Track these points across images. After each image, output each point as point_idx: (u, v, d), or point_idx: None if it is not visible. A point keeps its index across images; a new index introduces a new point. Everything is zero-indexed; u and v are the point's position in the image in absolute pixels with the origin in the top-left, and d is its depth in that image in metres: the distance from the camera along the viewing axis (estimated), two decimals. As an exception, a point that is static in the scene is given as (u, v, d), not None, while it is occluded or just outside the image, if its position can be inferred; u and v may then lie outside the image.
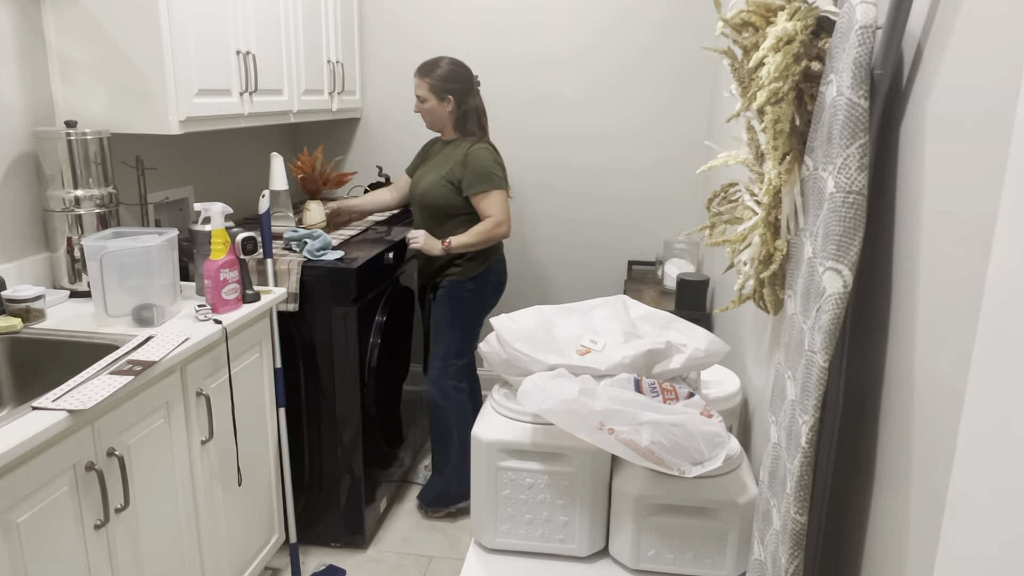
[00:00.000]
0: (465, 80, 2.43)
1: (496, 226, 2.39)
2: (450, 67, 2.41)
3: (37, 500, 1.28)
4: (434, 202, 2.44)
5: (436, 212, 2.45)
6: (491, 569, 1.39)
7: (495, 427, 1.38)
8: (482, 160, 2.38)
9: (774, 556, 1.04)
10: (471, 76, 2.45)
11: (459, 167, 2.39)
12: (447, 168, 2.42)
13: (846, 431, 1.06)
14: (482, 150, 2.41)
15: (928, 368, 0.80)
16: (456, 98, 2.42)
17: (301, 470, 2.39)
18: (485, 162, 2.38)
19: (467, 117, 2.45)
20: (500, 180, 2.42)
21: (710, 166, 1.30)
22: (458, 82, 2.41)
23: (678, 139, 3.22)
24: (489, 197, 2.39)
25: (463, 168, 2.38)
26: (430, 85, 2.41)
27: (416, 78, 2.44)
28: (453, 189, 2.41)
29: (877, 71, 0.90)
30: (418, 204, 2.51)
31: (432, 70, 2.41)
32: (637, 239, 3.35)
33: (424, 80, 2.41)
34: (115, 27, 1.91)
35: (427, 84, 2.41)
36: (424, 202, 2.46)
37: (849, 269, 0.89)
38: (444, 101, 2.42)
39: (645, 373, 1.38)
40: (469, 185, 2.38)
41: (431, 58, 2.45)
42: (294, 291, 2.22)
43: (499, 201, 2.40)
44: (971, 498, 0.68)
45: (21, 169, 1.89)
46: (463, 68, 2.44)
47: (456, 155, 2.42)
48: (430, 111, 2.45)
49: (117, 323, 1.75)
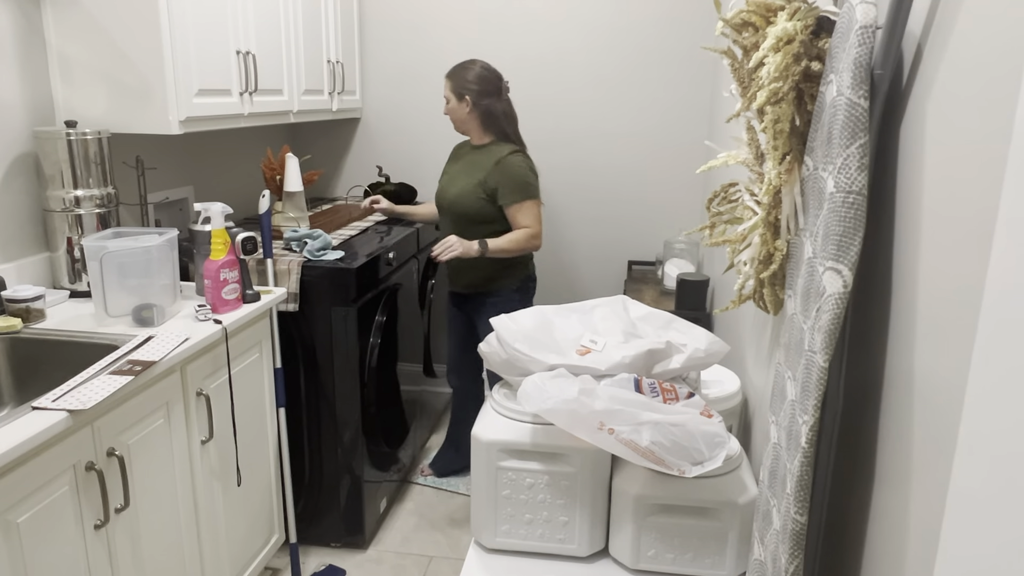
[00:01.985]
0: (485, 82, 2.41)
1: (532, 237, 2.40)
2: (473, 70, 2.42)
3: (37, 500, 1.28)
4: (465, 210, 2.44)
5: (466, 219, 2.45)
6: (491, 569, 1.39)
7: (495, 427, 1.38)
8: (518, 170, 2.38)
9: (774, 556, 1.04)
10: (495, 80, 2.43)
11: (493, 176, 2.38)
12: (480, 176, 2.41)
13: (846, 431, 1.06)
14: (517, 158, 2.40)
15: (928, 368, 0.80)
16: (472, 99, 2.41)
17: (301, 470, 2.39)
18: (521, 172, 2.38)
19: (490, 119, 2.44)
20: (535, 191, 2.42)
21: (710, 166, 1.30)
22: (477, 84, 2.40)
23: (678, 139, 3.22)
24: (524, 208, 2.39)
25: (498, 177, 2.37)
26: (451, 86, 2.43)
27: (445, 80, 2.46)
28: (487, 199, 2.41)
29: (877, 71, 0.90)
30: (448, 210, 2.50)
31: (456, 72, 2.44)
32: (637, 239, 3.35)
33: (447, 81, 2.45)
34: (115, 27, 1.91)
35: (449, 85, 2.44)
36: (454, 209, 2.46)
37: (849, 269, 0.89)
38: (462, 102, 2.43)
39: (645, 373, 1.37)
40: (504, 195, 2.38)
41: (463, 61, 2.46)
42: (294, 291, 2.22)
43: (534, 212, 2.41)
44: (971, 498, 0.68)
45: (21, 169, 1.89)
46: (487, 71, 2.43)
47: (487, 162, 2.41)
48: (452, 111, 2.47)
49: (117, 323, 1.75)
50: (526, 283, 2.56)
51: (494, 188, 2.39)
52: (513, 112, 2.50)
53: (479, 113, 2.44)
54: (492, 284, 2.51)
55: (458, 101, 2.44)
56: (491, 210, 2.42)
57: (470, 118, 2.45)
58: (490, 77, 2.43)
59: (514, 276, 2.52)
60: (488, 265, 2.47)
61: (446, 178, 2.56)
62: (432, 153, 3.41)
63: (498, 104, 2.44)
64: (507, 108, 2.48)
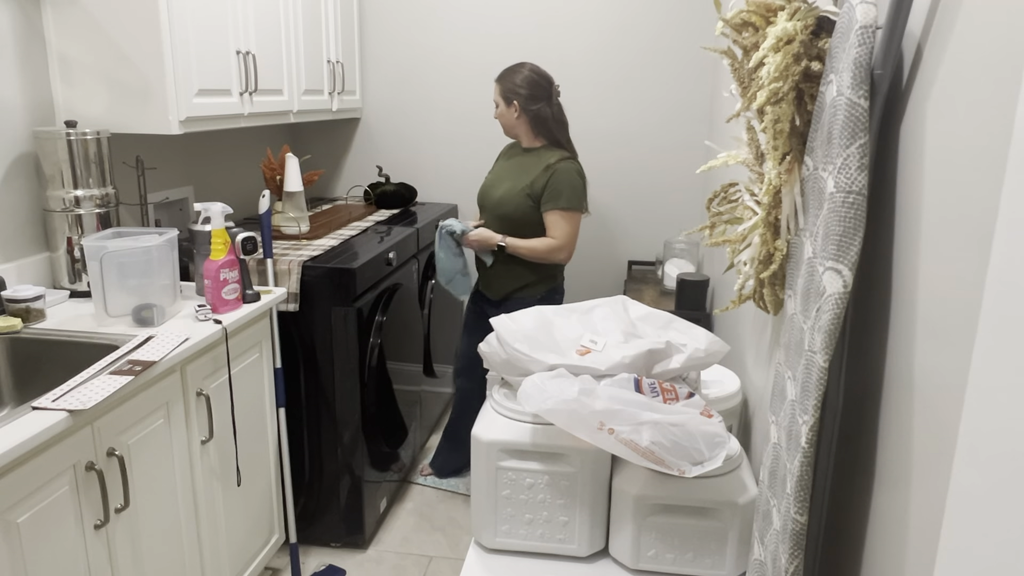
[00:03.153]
0: (534, 86, 2.36)
1: (555, 250, 2.36)
2: (522, 73, 2.37)
3: (37, 500, 1.28)
4: (509, 213, 2.40)
5: (509, 221, 2.41)
6: (491, 569, 1.39)
7: (495, 427, 1.38)
8: (568, 176, 2.33)
9: (774, 556, 1.04)
10: (544, 83, 2.38)
11: (541, 180, 2.34)
12: (527, 180, 2.37)
13: (846, 431, 1.06)
14: (569, 165, 2.35)
15: (928, 368, 0.80)
16: (520, 104, 2.37)
17: (301, 470, 2.39)
18: (569, 180, 2.33)
19: (540, 125, 2.39)
20: (577, 203, 2.36)
21: (710, 166, 1.30)
22: (526, 87, 2.36)
23: (678, 139, 3.22)
24: (559, 218, 2.34)
25: (545, 182, 2.33)
26: (500, 90, 2.40)
27: (494, 84, 2.44)
28: (533, 204, 2.37)
29: (877, 71, 0.90)
30: (491, 210, 2.46)
31: (505, 75, 2.40)
32: (637, 239, 3.35)
33: (497, 85, 2.41)
34: (115, 27, 1.91)
35: (498, 89, 2.41)
36: (498, 211, 2.43)
37: (849, 269, 0.89)
38: (511, 107, 2.39)
39: (645, 373, 1.38)
40: (546, 201, 2.34)
41: (513, 63, 2.43)
42: (294, 291, 2.22)
43: (567, 225, 2.35)
44: (971, 498, 0.68)
45: (21, 169, 1.89)
46: (536, 75, 2.37)
47: (536, 166, 2.38)
48: (500, 115, 2.44)
49: (117, 323, 1.75)
50: (551, 294, 2.51)
51: (540, 192, 2.35)
52: (564, 117, 2.45)
53: (528, 118, 2.39)
54: (518, 292, 2.48)
55: (507, 106, 2.40)
56: (536, 215, 2.38)
57: (519, 123, 2.41)
58: (540, 81, 2.37)
59: (541, 285, 2.48)
60: (521, 274, 2.44)
61: (492, 176, 2.52)
62: (432, 153, 3.41)
63: (548, 108, 2.38)
64: (557, 113, 2.42)
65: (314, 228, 2.65)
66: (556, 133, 2.41)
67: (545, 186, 2.33)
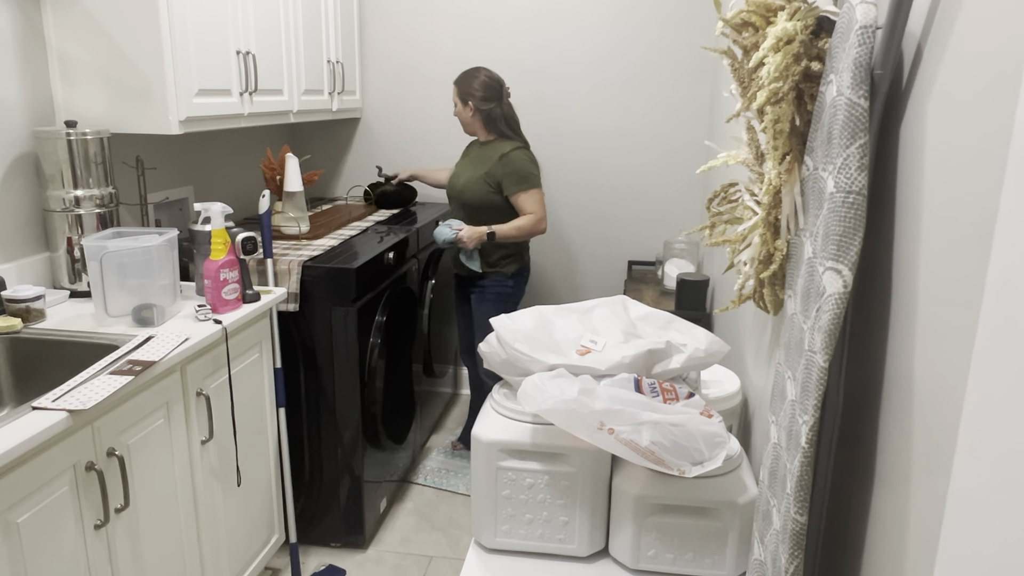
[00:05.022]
0: (487, 88, 2.65)
1: (538, 222, 2.64)
2: (478, 78, 2.66)
3: (37, 500, 1.28)
4: (471, 199, 2.68)
5: (472, 207, 2.69)
6: (491, 569, 1.39)
7: (495, 427, 1.38)
8: (520, 162, 2.63)
9: (774, 556, 1.05)
10: (496, 86, 2.67)
11: (498, 168, 2.62)
12: (484, 169, 2.65)
13: (846, 431, 1.06)
14: (520, 152, 2.65)
15: (928, 368, 0.80)
16: (475, 103, 2.66)
17: (301, 470, 2.39)
18: (523, 164, 2.63)
19: (492, 121, 2.69)
20: (537, 180, 2.66)
21: (710, 166, 1.30)
22: (480, 90, 2.65)
23: (678, 139, 3.22)
24: (528, 196, 2.63)
25: (502, 169, 2.62)
26: (458, 92, 2.69)
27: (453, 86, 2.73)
28: (492, 189, 2.65)
29: (877, 71, 0.90)
30: (456, 200, 2.76)
31: (462, 79, 2.69)
32: (637, 239, 3.35)
33: (455, 87, 2.71)
34: (115, 27, 1.91)
35: (456, 91, 2.70)
36: (462, 199, 2.72)
37: (849, 269, 0.89)
38: (466, 107, 2.68)
39: (645, 373, 1.37)
40: (509, 186, 2.62)
41: (469, 68, 2.71)
42: (294, 291, 2.22)
43: (538, 199, 2.65)
44: (971, 498, 0.68)
45: (21, 169, 1.89)
46: (490, 79, 2.66)
47: (491, 156, 2.65)
48: (458, 114, 2.73)
49: (117, 323, 1.75)
50: (521, 271, 2.79)
51: (499, 180, 2.63)
52: (513, 115, 2.74)
53: (482, 117, 2.69)
54: (490, 269, 2.73)
55: (463, 106, 2.69)
56: (495, 199, 2.66)
57: (474, 120, 2.71)
58: (492, 84, 2.66)
59: (512, 263, 2.74)
60: (491, 252, 2.70)
61: (456, 170, 2.80)
62: (432, 153, 3.41)
63: (499, 108, 2.68)
64: (508, 111, 2.71)
65: (314, 228, 2.65)
66: (504, 129, 2.71)
67: (505, 173, 2.62)
